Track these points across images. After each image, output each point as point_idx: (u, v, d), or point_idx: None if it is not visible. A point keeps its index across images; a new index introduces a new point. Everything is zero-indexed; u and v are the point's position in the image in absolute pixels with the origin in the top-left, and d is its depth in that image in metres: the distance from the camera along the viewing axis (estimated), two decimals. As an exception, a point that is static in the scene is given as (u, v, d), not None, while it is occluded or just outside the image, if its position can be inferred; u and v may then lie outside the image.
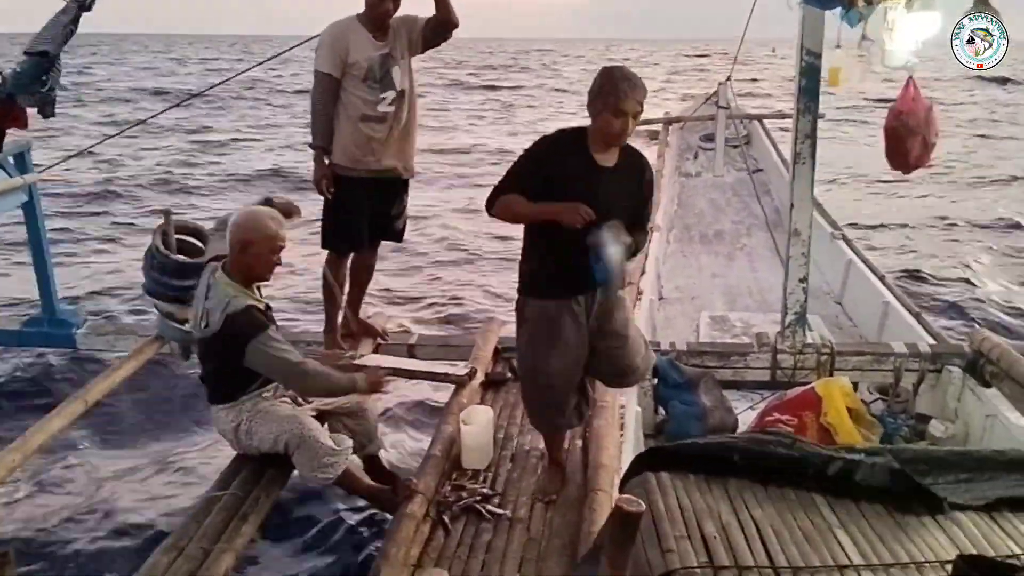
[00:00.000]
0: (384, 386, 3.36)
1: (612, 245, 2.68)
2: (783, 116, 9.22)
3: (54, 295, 4.68)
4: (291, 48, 4.84)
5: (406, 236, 4.45)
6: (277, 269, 3.21)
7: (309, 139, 4.01)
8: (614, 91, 2.69)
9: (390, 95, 3.95)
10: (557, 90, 35.10)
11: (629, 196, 2.89)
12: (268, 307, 3.24)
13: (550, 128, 3.04)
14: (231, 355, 3.04)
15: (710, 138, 9.70)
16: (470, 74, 44.87)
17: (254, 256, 3.10)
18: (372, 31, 3.92)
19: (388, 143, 4.00)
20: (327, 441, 3.08)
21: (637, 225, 2.93)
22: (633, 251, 2.85)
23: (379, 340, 4.43)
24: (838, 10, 3.52)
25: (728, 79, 9.02)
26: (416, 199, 4.67)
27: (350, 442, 3.20)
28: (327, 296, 4.25)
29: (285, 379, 3.13)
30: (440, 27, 3.98)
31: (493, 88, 36.61)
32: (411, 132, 4.12)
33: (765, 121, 10.24)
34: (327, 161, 3.97)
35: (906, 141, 3.81)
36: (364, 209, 4.09)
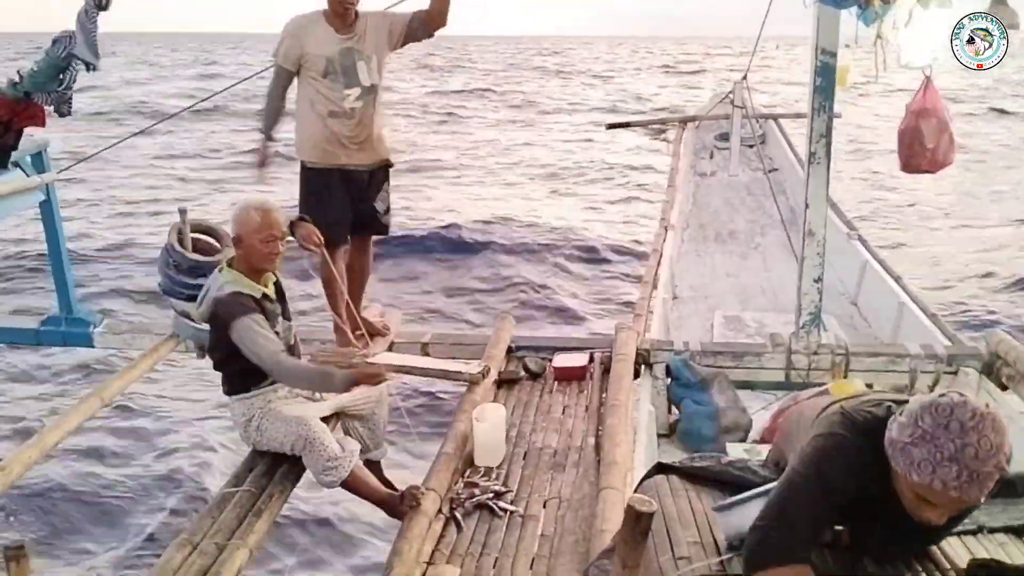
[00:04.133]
0: (373, 382, 3.25)
1: None
2: (799, 116, 9.17)
3: (71, 294, 4.73)
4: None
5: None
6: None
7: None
8: (929, 471, 1.63)
9: (355, 91, 3.95)
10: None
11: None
12: (276, 297, 3.30)
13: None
14: (223, 341, 3.11)
15: (725, 137, 9.65)
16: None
17: (248, 249, 3.18)
18: (335, 25, 3.93)
19: (358, 138, 4.02)
20: (332, 445, 3.09)
21: None
22: None
23: (392, 338, 4.45)
24: (854, 9, 3.50)
25: (744, 78, 8.98)
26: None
27: (357, 446, 3.21)
28: (327, 293, 4.25)
29: (263, 367, 3.14)
30: (431, 22, 3.97)
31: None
32: (380, 127, 4.15)
33: (781, 120, 10.19)
34: (271, 147, 4.17)
35: (929, 139, 3.77)
36: (339, 202, 4.09)
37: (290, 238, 3.48)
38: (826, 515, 1.80)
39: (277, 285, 3.36)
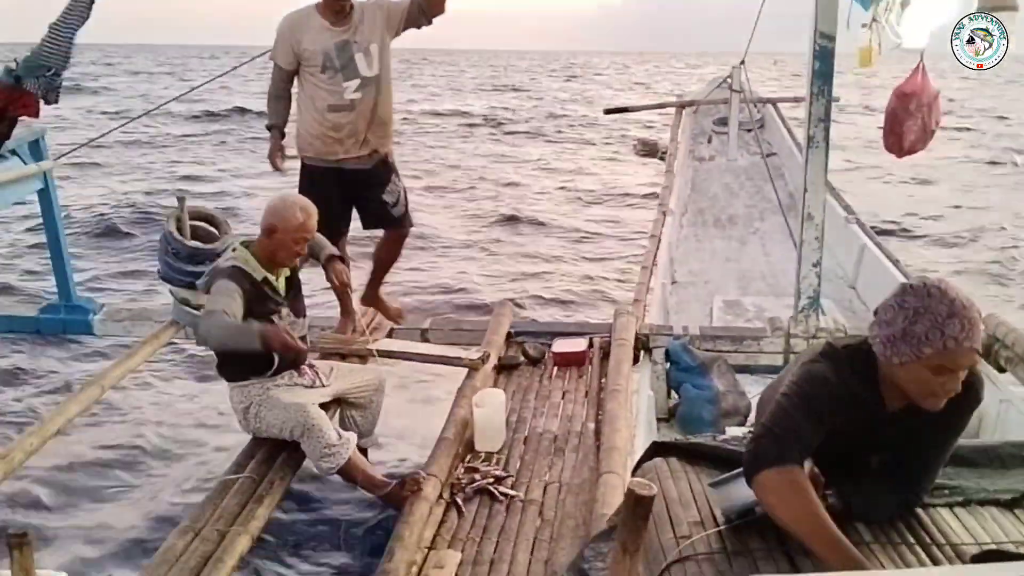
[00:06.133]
0: (295, 351, 3.17)
1: None
2: (797, 100, 9.15)
3: (70, 281, 4.74)
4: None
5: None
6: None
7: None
8: (938, 336, 1.71)
9: (355, 83, 3.93)
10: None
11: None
12: (286, 290, 3.31)
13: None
14: None
15: (723, 122, 9.64)
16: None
17: (278, 242, 3.21)
18: (329, 19, 3.90)
19: (357, 131, 4.02)
20: (330, 432, 3.12)
21: None
22: None
23: (393, 324, 4.47)
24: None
25: (742, 62, 8.95)
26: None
27: (354, 435, 3.25)
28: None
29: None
30: (430, 9, 3.96)
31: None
32: (384, 118, 4.13)
33: (779, 104, 10.17)
34: (281, 141, 4.22)
35: (904, 123, 3.78)
36: (337, 197, 4.10)
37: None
38: (814, 428, 1.83)
39: (291, 280, 3.38)
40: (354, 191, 4.19)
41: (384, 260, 4.50)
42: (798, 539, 1.78)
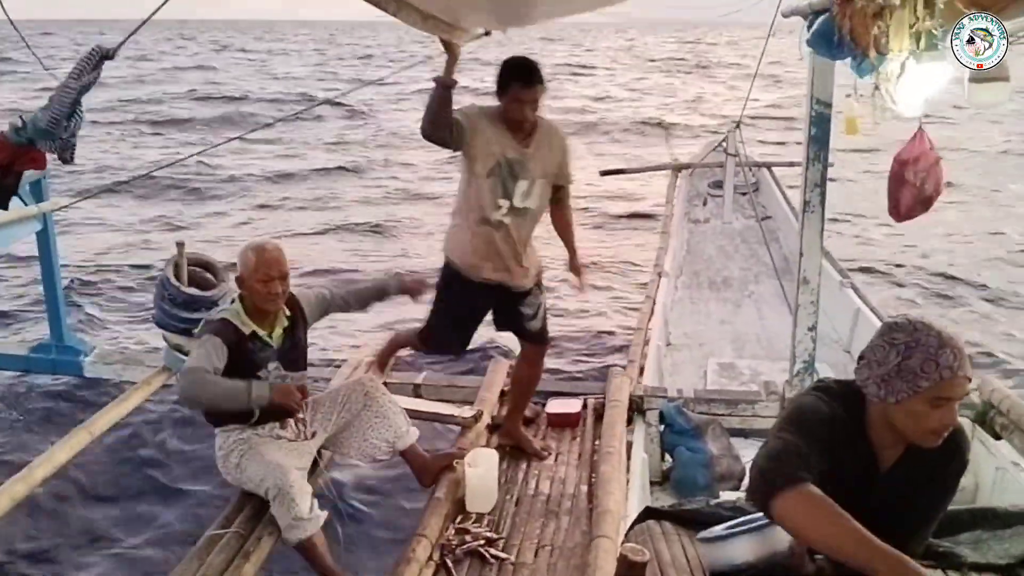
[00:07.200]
0: (294, 401, 3.12)
1: None
2: (792, 164, 9.28)
3: (63, 322, 4.72)
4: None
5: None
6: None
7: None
8: (933, 368, 1.72)
9: (506, 204, 3.49)
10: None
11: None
12: (282, 342, 3.28)
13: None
14: None
15: (719, 184, 9.75)
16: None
17: (248, 289, 3.20)
18: (512, 130, 3.47)
19: (504, 255, 3.56)
20: (303, 503, 3.02)
21: None
22: None
23: (384, 379, 4.43)
24: (848, 60, 3.56)
25: (737, 126, 9.10)
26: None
27: (325, 514, 3.13)
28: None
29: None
30: (557, 205, 3.74)
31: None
32: (529, 256, 3.68)
33: (774, 168, 10.31)
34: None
35: (900, 189, 3.85)
36: (471, 315, 3.75)
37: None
38: (815, 450, 1.77)
39: (291, 331, 3.33)
40: (493, 306, 3.77)
41: (523, 381, 3.99)
42: (837, 557, 1.68)
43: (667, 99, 31.56)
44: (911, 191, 3.85)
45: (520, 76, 3.36)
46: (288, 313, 3.33)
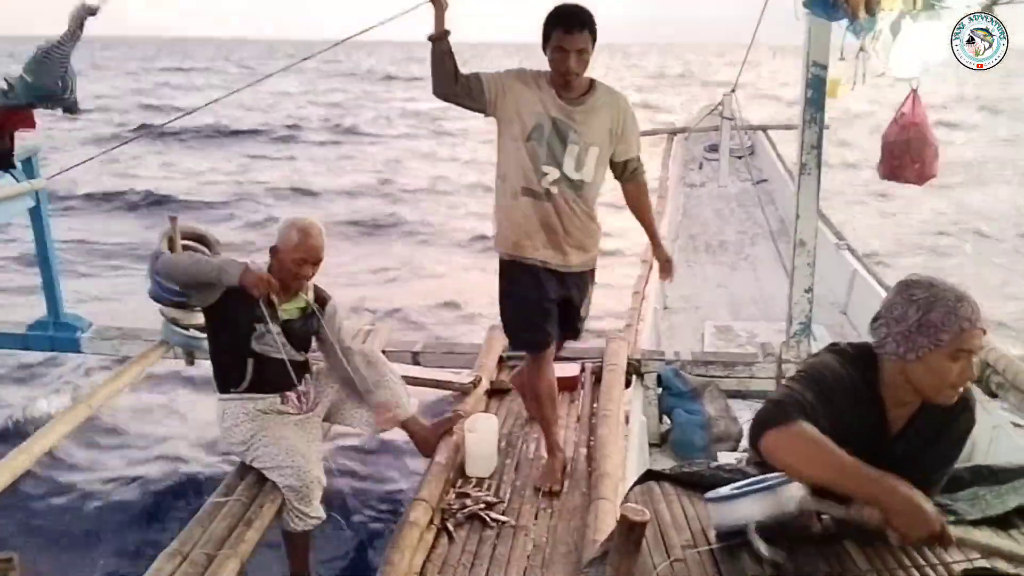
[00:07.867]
0: (263, 284, 3.09)
1: None
2: (788, 127, 9.24)
3: (59, 298, 4.70)
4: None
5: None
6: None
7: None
8: (953, 321, 1.74)
9: (554, 172, 3.04)
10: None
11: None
12: (298, 319, 3.27)
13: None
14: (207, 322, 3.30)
15: (715, 149, 9.71)
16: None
17: (278, 262, 3.19)
18: (558, 90, 3.04)
19: (555, 230, 3.12)
20: (316, 500, 3.07)
21: None
22: None
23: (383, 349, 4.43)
24: (844, 21, 3.53)
25: (733, 90, 9.05)
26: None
27: (322, 516, 3.14)
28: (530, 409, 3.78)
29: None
30: (629, 189, 3.28)
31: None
32: (586, 231, 3.21)
33: (769, 131, 10.27)
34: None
35: (920, 151, 3.82)
36: (543, 295, 3.19)
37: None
38: (819, 401, 1.78)
39: (307, 313, 3.31)
40: (559, 291, 3.27)
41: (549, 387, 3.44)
42: (830, 487, 1.70)
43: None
44: (931, 150, 3.83)
45: (560, 22, 2.92)
46: (312, 301, 3.32)
